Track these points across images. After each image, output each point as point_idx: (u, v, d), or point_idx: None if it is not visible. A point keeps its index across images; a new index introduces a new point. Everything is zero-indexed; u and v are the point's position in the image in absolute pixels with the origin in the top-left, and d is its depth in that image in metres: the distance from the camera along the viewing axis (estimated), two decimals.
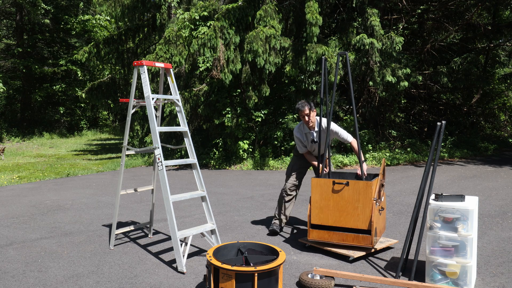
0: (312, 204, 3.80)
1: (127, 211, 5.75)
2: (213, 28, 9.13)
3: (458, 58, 12.05)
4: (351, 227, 3.68)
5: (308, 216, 3.83)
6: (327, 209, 3.75)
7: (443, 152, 11.12)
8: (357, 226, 3.65)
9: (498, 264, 3.52)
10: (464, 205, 2.98)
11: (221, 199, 6.48)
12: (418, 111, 13.69)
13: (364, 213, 3.62)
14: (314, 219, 3.81)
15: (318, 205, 3.78)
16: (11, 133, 19.77)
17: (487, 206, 5.64)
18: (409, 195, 6.47)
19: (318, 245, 3.86)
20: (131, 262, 3.73)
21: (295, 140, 4.51)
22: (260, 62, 8.95)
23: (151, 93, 3.71)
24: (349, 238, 3.70)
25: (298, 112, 4.31)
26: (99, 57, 13.05)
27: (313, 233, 3.83)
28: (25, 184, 8.31)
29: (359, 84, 11.50)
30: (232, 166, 10.18)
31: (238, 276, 2.66)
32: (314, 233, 3.83)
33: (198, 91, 10.18)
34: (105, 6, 12.44)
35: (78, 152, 15.00)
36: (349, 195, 3.66)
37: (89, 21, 21.75)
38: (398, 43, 9.52)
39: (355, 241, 3.66)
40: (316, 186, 3.77)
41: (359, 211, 3.64)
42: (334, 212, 3.73)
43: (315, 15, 8.65)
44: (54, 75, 22.39)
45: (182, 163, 3.90)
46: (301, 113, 4.28)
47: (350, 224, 3.67)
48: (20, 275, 3.46)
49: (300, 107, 4.27)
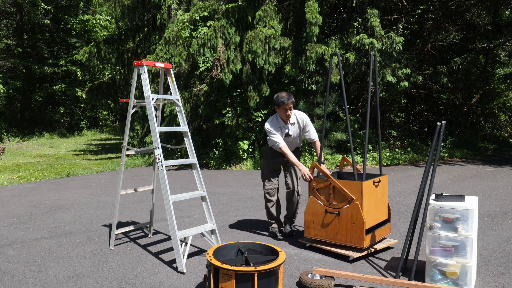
0: (365, 211, 3.58)
1: (127, 211, 5.75)
2: (213, 28, 9.13)
3: (458, 58, 12.06)
4: (382, 220, 3.92)
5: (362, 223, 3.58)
6: (372, 210, 3.71)
7: (443, 152, 11.12)
8: (385, 218, 3.97)
9: (498, 264, 3.52)
10: (464, 205, 2.98)
11: (221, 199, 6.48)
12: (418, 111, 13.70)
13: (385, 204, 3.99)
14: (368, 224, 3.61)
15: (367, 208, 3.63)
16: (11, 133, 19.77)
17: (487, 206, 5.64)
18: (409, 195, 6.47)
19: (318, 245, 3.86)
20: (131, 262, 3.73)
21: (269, 133, 4.21)
22: (260, 62, 8.95)
23: (151, 93, 3.71)
24: (385, 231, 3.96)
25: (282, 105, 4.11)
26: (99, 57, 13.05)
27: (367, 240, 3.60)
28: (25, 184, 8.31)
29: (359, 84, 11.51)
30: (232, 166, 10.18)
31: (238, 276, 2.66)
32: (367, 239, 3.60)
33: (198, 91, 10.18)
34: (105, 6, 12.45)
35: (78, 152, 15.00)
36: (379, 192, 3.84)
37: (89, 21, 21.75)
38: (398, 43, 9.52)
39: (386, 231, 3.98)
40: (366, 191, 3.61)
41: (384, 204, 3.95)
42: (375, 211, 3.79)
43: (315, 15, 8.66)
44: (54, 75, 22.40)
45: (182, 163, 3.90)
46: (285, 105, 4.11)
47: (382, 218, 3.90)
48: (20, 275, 3.46)
49: (286, 100, 4.09)
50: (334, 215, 3.69)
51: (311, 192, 3.86)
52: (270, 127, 4.22)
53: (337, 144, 10.39)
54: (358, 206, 3.55)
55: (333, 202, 3.71)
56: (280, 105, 4.14)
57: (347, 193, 3.60)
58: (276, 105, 4.19)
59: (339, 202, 3.68)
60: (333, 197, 3.71)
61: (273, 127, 4.21)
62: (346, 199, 3.63)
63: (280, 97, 4.13)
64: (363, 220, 3.54)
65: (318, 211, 3.78)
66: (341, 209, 3.65)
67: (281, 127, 4.25)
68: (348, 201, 3.61)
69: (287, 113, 4.16)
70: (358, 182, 3.59)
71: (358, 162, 10.06)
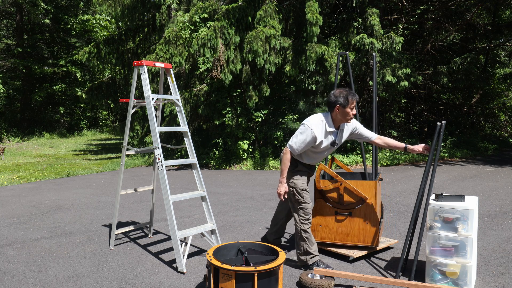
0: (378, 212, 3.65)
1: (127, 211, 5.75)
2: (213, 28, 9.13)
3: (458, 58, 12.06)
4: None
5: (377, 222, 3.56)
6: (377, 208, 3.72)
7: (443, 152, 11.12)
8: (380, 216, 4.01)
9: (498, 264, 3.52)
10: (464, 205, 2.98)
11: (221, 199, 6.47)
12: (418, 111, 13.70)
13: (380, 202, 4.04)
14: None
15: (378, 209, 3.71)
16: (11, 133, 19.77)
17: (487, 206, 5.64)
18: (409, 195, 6.47)
19: (318, 245, 3.86)
20: (131, 262, 3.73)
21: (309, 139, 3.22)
22: (260, 62, 8.95)
23: (151, 93, 3.71)
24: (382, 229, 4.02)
25: (344, 102, 3.17)
26: (99, 57, 13.05)
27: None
28: (25, 184, 8.31)
29: (359, 84, 11.51)
30: (232, 166, 10.18)
31: (238, 276, 2.66)
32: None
33: (198, 91, 10.18)
34: (105, 6, 12.45)
35: (78, 152, 15.00)
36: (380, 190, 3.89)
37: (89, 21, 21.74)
38: (398, 43, 9.53)
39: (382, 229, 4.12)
40: (379, 192, 3.73)
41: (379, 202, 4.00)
42: (379, 210, 3.82)
43: (315, 15, 8.66)
44: (54, 75, 22.39)
45: (182, 163, 3.90)
46: (351, 103, 3.20)
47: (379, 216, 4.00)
48: (20, 275, 3.46)
49: (352, 96, 3.19)
50: (345, 216, 3.67)
51: (318, 194, 3.79)
52: (316, 132, 3.22)
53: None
54: (372, 206, 3.56)
55: (344, 203, 3.68)
56: (343, 102, 3.18)
57: (360, 193, 3.59)
58: (339, 104, 3.20)
59: (351, 202, 3.66)
60: (343, 198, 3.68)
61: (321, 134, 3.25)
62: (359, 199, 3.62)
63: (344, 92, 3.21)
64: (377, 219, 3.56)
65: (327, 213, 3.74)
66: (353, 210, 3.64)
67: (331, 132, 3.30)
68: (361, 201, 3.60)
69: (351, 113, 3.22)
70: (371, 182, 3.60)
71: (358, 162, 10.06)
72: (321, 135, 3.25)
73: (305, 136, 3.24)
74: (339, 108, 3.21)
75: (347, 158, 9.96)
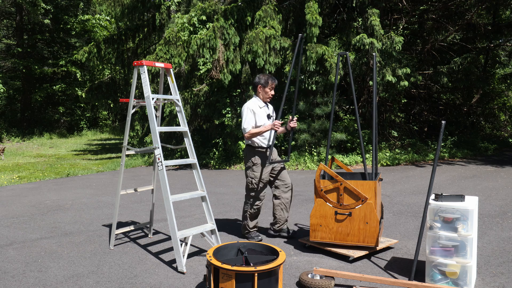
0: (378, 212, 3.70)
1: (127, 211, 5.75)
2: (212, 29, 9.13)
3: (458, 58, 12.05)
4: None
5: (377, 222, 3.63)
6: (377, 208, 3.74)
7: (444, 152, 11.12)
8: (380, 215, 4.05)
9: (498, 264, 3.52)
10: (464, 205, 2.98)
11: (221, 199, 6.47)
12: (418, 111, 13.69)
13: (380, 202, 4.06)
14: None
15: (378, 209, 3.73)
16: (11, 133, 19.78)
17: (487, 206, 5.64)
18: (409, 195, 6.47)
19: (318, 245, 3.86)
20: (131, 262, 3.73)
21: (250, 114, 4.06)
22: (260, 62, 8.95)
23: (151, 93, 3.71)
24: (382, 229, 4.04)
25: (266, 85, 4.09)
26: (99, 57, 13.07)
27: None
28: (25, 184, 8.31)
29: (359, 84, 11.51)
30: (232, 166, 10.18)
31: (238, 276, 2.66)
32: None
33: (198, 91, 10.18)
34: (104, 5, 12.46)
35: (78, 152, 15.00)
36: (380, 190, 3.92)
37: (89, 21, 21.76)
38: (398, 43, 9.52)
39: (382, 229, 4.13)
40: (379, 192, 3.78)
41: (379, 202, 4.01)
42: (379, 209, 3.83)
43: (315, 16, 8.66)
44: (54, 75, 22.40)
45: (182, 163, 3.90)
46: (271, 85, 4.10)
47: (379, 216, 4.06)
48: (20, 275, 3.46)
49: (271, 80, 4.10)
50: (345, 216, 3.67)
51: (318, 194, 3.78)
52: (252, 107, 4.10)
53: (337, 144, 10.39)
54: (372, 206, 3.56)
55: (344, 203, 3.68)
56: (265, 85, 4.11)
57: (360, 193, 3.59)
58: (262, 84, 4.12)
59: (351, 202, 3.66)
60: (343, 198, 3.68)
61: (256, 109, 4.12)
62: (359, 199, 3.62)
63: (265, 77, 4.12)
64: (377, 219, 3.55)
65: (327, 213, 3.73)
66: (353, 210, 3.64)
67: (263, 107, 4.18)
68: (361, 201, 3.60)
69: (270, 93, 4.15)
70: (371, 182, 3.59)
71: (358, 162, 10.06)
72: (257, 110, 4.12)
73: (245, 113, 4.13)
74: (256, 88, 4.17)
75: (347, 158, 9.96)
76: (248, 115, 4.07)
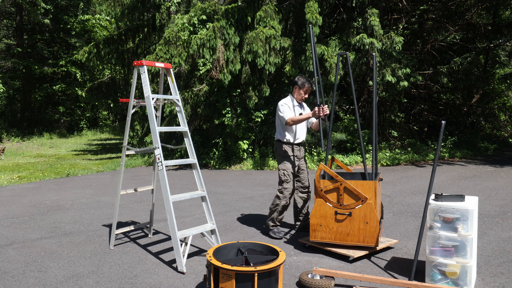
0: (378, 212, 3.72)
1: (127, 211, 5.75)
2: (212, 29, 9.13)
3: (458, 58, 12.06)
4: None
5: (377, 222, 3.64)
6: (377, 208, 3.74)
7: (444, 152, 11.12)
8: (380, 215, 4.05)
9: (498, 264, 3.52)
10: (464, 205, 2.98)
11: (221, 199, 6.48)
12: (418, 111, 13.69)
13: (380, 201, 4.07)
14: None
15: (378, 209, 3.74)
16: (11, 133, 19.77)
17: (487, 206, 5.64)
18: (409, 195, 6.47)
19: (318, 245, 3.86)
20: (131, 262, 3.73)
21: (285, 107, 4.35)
22: (260, 62, 8.95)
23: (151, 93, 3.71)
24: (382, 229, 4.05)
25: (302, 87, 4.36)
26: (99, 57, 13.05)
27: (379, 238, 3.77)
28: (25, 184, 8.31)
29: (359, 84, 11.51)
30: (232, 166, 10.18)
31: (238, 276, 2.66)
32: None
33: (198, 91, 10.18)
34: (104, 5, 12.45)
35: (78, 152, 15.00)
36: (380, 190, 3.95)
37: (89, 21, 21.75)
38: (398, 43, 9.52)
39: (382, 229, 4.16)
40: (379, 192, 3.79)
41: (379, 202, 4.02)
42: (379, 209, 3.83)
43: (315, 15, 8.65)
44: (54, 75, 22.40)
45: (182, 163, 3.90)
46: (307, 88, 4.38)
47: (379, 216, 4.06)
48: (20, 275, 3.46)
49: (308, 83, 4.37)
50: (345, 216, 3.67)
51: (318, 194, 3.78)
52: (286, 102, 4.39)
53: (337, 144, 10.39)
54: (372, 206, 3.56)
55: (344, 203, 3.68)
56: (301, 88, 4.38)
57: (360, 193, 3.59)
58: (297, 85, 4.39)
59: (351, 202, 3.65)
60: (343, 198, 3.68)
61: (289, 106, 4.38)
62: (359, 199, 3.62)
63: (302, 79, 4.40)
64: (377, 219, 3.55)
65: (327, 213, 3.73)
66: (353, 210, 3.63)
67: (295, 106, 4.46)
68: (361, 201, 3.60)
69: (305, 96, 4.44)
70: (371, 182, 3.59)
71: (358, 162, 10.06)
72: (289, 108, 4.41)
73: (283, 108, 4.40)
74: (294, 89, 4.45)
75: (347, 158, 9.96)
76: (284, 108, 4.36)
